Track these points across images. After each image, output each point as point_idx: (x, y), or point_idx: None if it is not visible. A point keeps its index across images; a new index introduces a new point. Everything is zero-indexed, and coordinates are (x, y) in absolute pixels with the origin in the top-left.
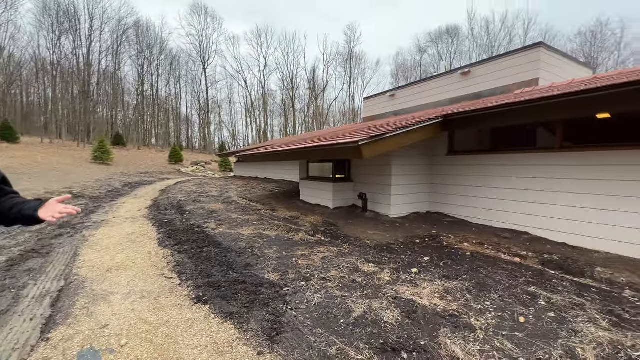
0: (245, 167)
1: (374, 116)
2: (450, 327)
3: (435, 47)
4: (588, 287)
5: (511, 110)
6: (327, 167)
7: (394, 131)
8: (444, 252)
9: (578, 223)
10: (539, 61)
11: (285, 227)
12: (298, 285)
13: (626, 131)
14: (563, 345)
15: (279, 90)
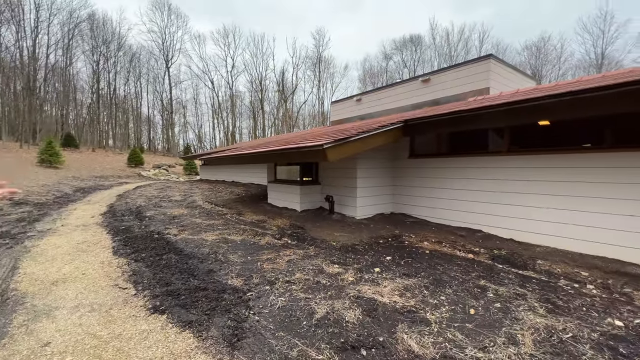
0: (211, 171)
1: (342, 120)
2: (407, 323)
3: (400, 54)
4: (530, 278)
5: (462, 117)
6: (294, 170)
7: (357, 135)
8: (405, 251)
9: (523, 220)
10: (489, 72)
11: (251, 231)
12: (262, 289)
13: (563, 136)
14: (506, 332)
15: (247, 91)
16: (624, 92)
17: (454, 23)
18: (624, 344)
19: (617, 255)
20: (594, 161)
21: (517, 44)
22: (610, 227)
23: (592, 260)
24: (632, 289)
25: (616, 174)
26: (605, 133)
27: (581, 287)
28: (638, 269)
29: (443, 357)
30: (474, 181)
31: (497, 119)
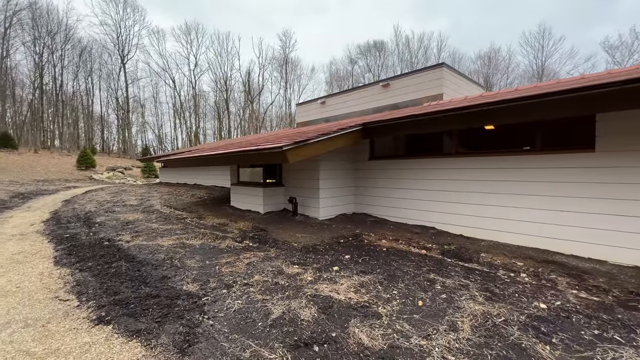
0: (172, 173)
1: (307, 122)
2: (360, 317)
3: (365, 59)
4: (474, 270)
5: (415, 121)
6: (257, 172)
7: (317, 137)
8: (364, 249)
9: (470, 217)
10: (442, 79)
11: (211, 235)
12: (219, 293)
13: (506, 140)
14: (448, 320)
15: (212, 91)
16: (545, 102)
17: (414, 32)
18: (545, 324)
19: (547, 246)
20: (528, 162)
21: (472, 54)
22: (541, 221)
23: (527, 252)
24: (557, 275)
25: (545, 174)
26: (537, 137)
27: (516, 275)
28: (563, 257)
29: (390, 347)
30: (428, 181)
31: (446, 123)
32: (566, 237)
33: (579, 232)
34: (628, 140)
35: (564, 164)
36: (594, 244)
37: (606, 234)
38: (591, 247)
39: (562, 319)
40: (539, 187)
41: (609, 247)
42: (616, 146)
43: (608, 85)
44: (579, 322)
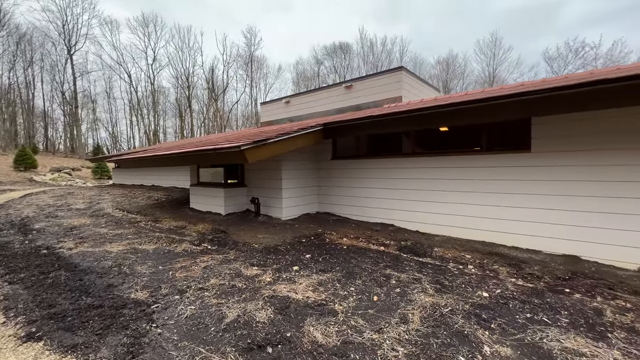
0: (127, 174)
1: (272, 121)
2: (316, 316)
3: (331, 60)
4: (427, 264)
5: (374, 122)
6: (218, 172)
7: (277, 137)
8: (325, 248)
9: (425, 214)
10: (401, 82)
11: (167, 239)
12: (170, 299)
13: (457, 141)
14: (400, 313)
15: (172, 88)
16: (489, 105)
17: (377, 35)
18: (486, 311)
19: (492, 239)
20: (475, 162)
21: (431, 59)
22: (487, 216)
23: (475, 245)
24: (499, 266)
25: (490, 172)
26: (484, 139)
27: (464, 267)
28: (505, 249)
29: (344, 343)
30: (388, 180)
31: (403, 124)
32: (507, 230)
33: (518, 226)
34: (559, 142)
35: (505, 163)
36: (531, 235)
37: (541, 227)
38: (528, 239)
39: (500, 305)
40: (485, 184)
41: (543, 238)
42: (549, 147)
43: (540, 92)
44: (515, 307)
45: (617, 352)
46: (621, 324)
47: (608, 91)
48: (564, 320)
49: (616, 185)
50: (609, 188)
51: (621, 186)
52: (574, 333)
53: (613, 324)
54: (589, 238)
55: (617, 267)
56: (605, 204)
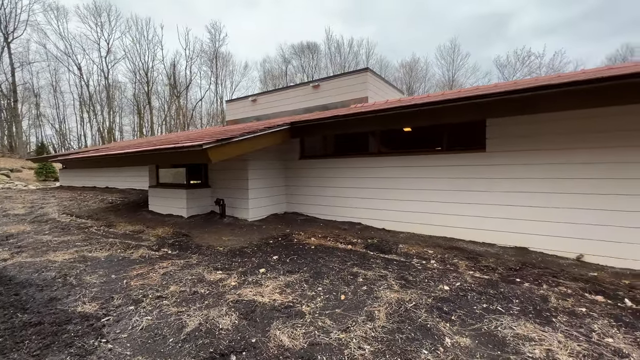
0: (77, 175)
1: (238, 120)
2: (282, 319)
3: (299, 59)
4: (392, 261)
5: (340, 121)
6: (180, 172)
7: (242, 136)
8: (292, 248)
9: (391, 212)
10: (367, 83)
11: (122, 245)
12: (124, 310)
13: (420, 141)
14: (367, 311)
15: (129, 83)
16: (448, 107)
17: (344, 36)
18: (447, 304)
19: (452, 235)
20: (436, 161)
21: (396, 62)
22: (446, 213)
23: (437, 241)
24: (458, 260)
25: (449, 171)
26: (444, 139)
27: (427, 263)
28: (464, 243)
29: (311, 345)
30: (355, 179)
31: (369, 124)
32: (465, 225)
33: (475, 221)
34: (511, 142)
35: (463, 162)
36: (486, 230)
37: (494, 221)
38: (484, 233)
39: (460, 297)
40: (445, 182)
41: (496, 232)
42: (502, 147)
43: (492, 95)
44: (473, 298)
45: (560, 335)
46: (563, 309)
47: (550, 95)
48: (516, 309)
49: (559, 182)
50: (552, 184)
51: (563, 183)
52: (524, 320)
53: (557, 309)
54: (535, 230)
55: (560, 256)
56: (548, 199)
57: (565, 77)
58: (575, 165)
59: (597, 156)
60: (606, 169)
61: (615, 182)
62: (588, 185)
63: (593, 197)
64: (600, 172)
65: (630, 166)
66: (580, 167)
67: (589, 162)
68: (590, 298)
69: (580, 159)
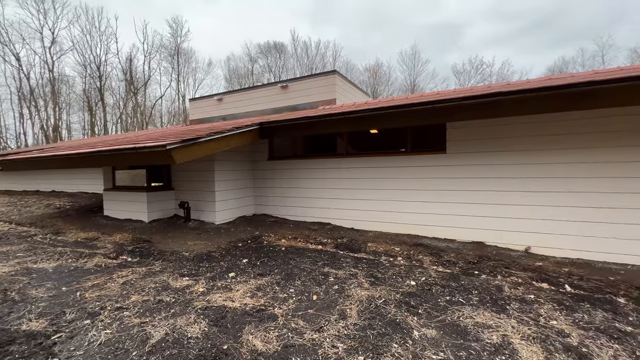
0: (16, 178)
1: (203, 119)
2: (255, 323)
3: (266, 59)
4: (362, 259)
5: (309, 123)
6: (140, 174)
7: (209, 136)
8: (263, 251)
9: (359, 211)
10: (335, 85)
11: (73, 254)
12: (78, 326)
13: (386, 142)
14: (339, 310)
15: (79, 77)
16: (411, 110)
17: (311, 38)
18: (414, 298)
19: (416, 232)
20: (400, 162)
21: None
22: (411, 211)
23: (403, 238)
24: (423, 256)
25: (413, 171)
26: (409, 141)
27: (394, 260)
28: (428, 240)
29: (285, 347)
30: (324, 180)
31: (338, 125)
32: (429, 223)
33: (437, 218)
34: (468, 144)
35: (426, 163)
36: (447, 227)
37: (454, 219)
38: (445, 230)
39: (426, 292)
40: (409, 182)
41: (456, 228)
42: (460, 148)
43: (452, 101)
44: (437, 292)
45: (513, 320)
46: (515, 297)
47: (502, 102)
48: (475, 299)
49: (509, 181)
50: (504, 184)
51: (512, 182)
52: (482, 309)
53: (510, 297)
54: (489, 226)
55: (511, 249)
56: (500, 197)
57: (514, 85)
58: (523, 165)
59: (543, 157)
60: (549, 169)
61: (555, 180)
62: (533, 184)
63: (537, 194)
64: (544, 172)
65: (568, 166)
66: (527, 168)
67: (535, 163)
68: (537, 286)
69: (528, 160)
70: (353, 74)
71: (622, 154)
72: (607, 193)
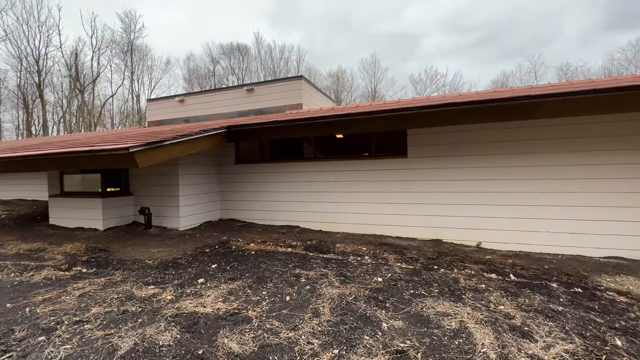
0: None
1: (163, 121)
2: (229, 326)
3: (228, 60)
4: (331, 259)
5: (278, 127)
6: (94, 179)
7: (175, 138)
8: (232, 256)
9: (327, 214)
10: (301, 90)
11: (16, 267)
12: (31, 343)
13: (351, 147)
14: (312, 308)
15: (13, 70)
16: (375, 117)
17: (275, 42)
18: (382, 293)
19: (381, 232)
20: (365, 165)
21: (323, 71)
22: (375, 212)
23: (369, 238)
24: (388, 254)
25: (376, 175)
26: (373, 145)
27: (362, 259)
28: (391, 239)
29: (261, 347)
30: (291, 184)
31: (307, 129)
32: (392, 223)
33: (399, 219)
34: (427, 149)
35: (388, 167)
36: (408, 226)
37: (415, 218)
38: (407, 229)
39: (392, 287)
40: (373, 185)
41: (417, 227)
42: (420, 153)
43: (413, 109)
44: (402, 286)
45: (469, 308)
46: (469, 287)
47: (455, 111)
48: (435, 291)
49: (462, 183)
50: (458, 185)
51: (465, 183)
52: (442, 299)
53: (465, 287)
54: (447, 225)
55: (465, 245)
56: (454, 198)
57: (465, 96)
58: (475, 169)
59: (490, 161)
60: (498, 172)
61: (501, 182)
62: (482, 186)
63: (485, 195)
64: (491, 174)
65: (509, 170)
66: (479, 170)
67: (483, 166)
68: (487, 276)
69: (477, 164)
70: (317, 79)
71: (555, 158)
72: (540, 193)
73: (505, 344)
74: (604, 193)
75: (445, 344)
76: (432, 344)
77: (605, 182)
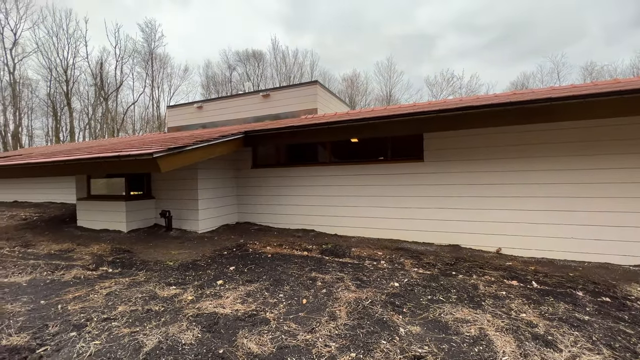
0: None
1: (181, 127)
2: (248, 327)
3: (244, 67)
4: (347, 264)
5: (294, 132)
6: (118, 182)
7: (195, 144)
8: (249, 258)
9: (342, 218)
10: (316, 95)
11: (48, 266)
12: (64, 338)
13: (367, 151)
14: (329, 312)
15: (43, 80)
16: (392, 121)
17: (288, 47)
18: (398, 298)
19: (397, 237)
20: (381, 169)
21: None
22: (391, 217)
23: (384, 243)
24: (404, 259)
25: (392, 179)
26: (388, 150)
27: (377, 263)
28: (407, 244)
29: (279, 348)
30: (307, 188)
31: (322, 134)
32: (408, 228)
33: (416, 223)
34: (444, 153)
35: (404, 171)
36: (425, 231)
37: (432, 223)
38: (424, 234)
39: (409, 292)
40: (389, 189)
41: (434, 232)
42: (437, 157)
43: (429, 113)
44: (419, 292)
45: (489, 315)
46: (489, 294)
47: (473, 115)
48: (454, 297)
49: (483, 188)
50: (477, 190)
51: (487, 188)
52: (460, 306)
53: (484, 294)
54: (465, 230)
55: (484, 250)
56: (474, 203)
57: (483, 99)
58: (492, 173)
59: (510, 165)
60: (516, 175)
61: (522, 186)
62: (503, 190)
63: (506, 199)
64: (511, 179)
65: (531, 174)
66: (499, 175)
67: (502, 170)
68: (508, 283)
69: (496, 168)
70: (331, 84)
71: (579, 162)
72: (567, 197)
73: (528, 353)
74: (634, 198)
75: (465, 351)
76: (450, 350)
77: (635, 187)
